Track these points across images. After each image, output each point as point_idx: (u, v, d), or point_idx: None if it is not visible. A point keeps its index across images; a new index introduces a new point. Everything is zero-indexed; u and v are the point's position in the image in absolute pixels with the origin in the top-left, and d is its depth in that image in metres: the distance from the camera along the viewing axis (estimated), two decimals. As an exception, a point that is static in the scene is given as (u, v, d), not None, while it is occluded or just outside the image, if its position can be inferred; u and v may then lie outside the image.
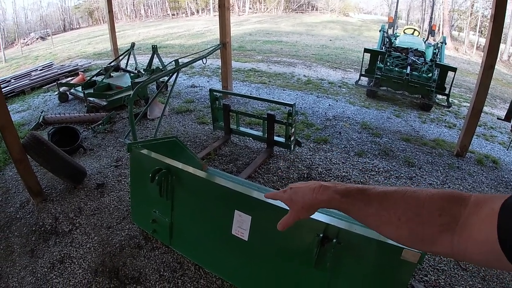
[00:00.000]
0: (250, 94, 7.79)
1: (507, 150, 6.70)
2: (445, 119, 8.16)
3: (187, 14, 38.95)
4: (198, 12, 39.28)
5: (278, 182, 4.03)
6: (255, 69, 10.78)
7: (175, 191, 2.46)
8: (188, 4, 39.20)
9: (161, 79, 6.14)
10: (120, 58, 8.17)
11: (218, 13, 6.84)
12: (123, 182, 4.02)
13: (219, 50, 6.91)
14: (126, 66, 8.09)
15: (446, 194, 0.65)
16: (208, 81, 8.54)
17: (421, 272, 3.08)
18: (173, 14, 39.16)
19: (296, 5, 42.66)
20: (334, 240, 1.79)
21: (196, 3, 39.45)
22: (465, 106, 9.62)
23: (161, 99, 6.89)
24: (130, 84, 6.04)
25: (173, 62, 4.79)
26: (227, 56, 7.07)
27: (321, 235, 1.82)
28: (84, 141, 5.18)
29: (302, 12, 41.50)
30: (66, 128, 5.16)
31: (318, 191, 0.84)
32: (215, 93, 4.87)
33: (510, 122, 5.25)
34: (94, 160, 4.62)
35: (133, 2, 39.01)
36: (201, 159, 3.78)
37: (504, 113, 5.28)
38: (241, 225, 2.02)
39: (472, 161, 5.87)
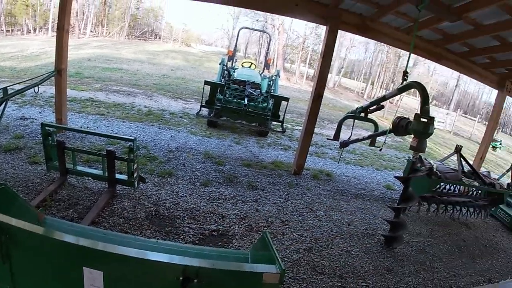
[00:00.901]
0: (87, 127, 7.32)
1: (338, 163, 7.96)
2: (281, 143, 9.18)
3: (23, 31, 34.50)
4: (35, 30, 35.15)
5: (125, 224, 3.91)
6: (93, 98, 10.16)
7: (12, 252, 2.18)
8: (25, 21, 34.82)
9: None
10: None
11: (55, 37, 6.32)
12: None
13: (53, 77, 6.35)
14: None
15: None
16: (40, 112, 7.68)
17: (283, 286, 3.37)
18: (7, 31, 34.13)
19: (140, 32, 41.99)
20: (195, 280, 1.81)
21: (35, 20, 35.32)
22: (297, 129, 10.93)
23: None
24: None
25: (1, 91, 4.29)
26: (62, 84, 6.55)
27: (181, 278, 1.82)
28: None
29: (145, 40, 40.98)
30: None
31: None
32: (47, 128, 4.43)
33: (338, 140, 6.18)
34: None
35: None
36: (36, 208, 3.42)
37: (333, 133, 6.20)
38: (93, 282, 1.92)
39: (309, 177, 6.77)
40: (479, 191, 6.31)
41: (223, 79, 9.70)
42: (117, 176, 4.51)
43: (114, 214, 4.08)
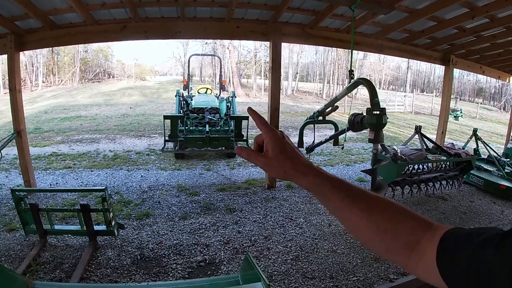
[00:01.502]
0: (57, 183, 7.31)
1: None
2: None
3: None
4: None
5: (114, 274, 3.98)
6: (57, 152, 10.12)
7: None
8: None
9: None
10: None
11: (7, 92, 6.27)
12: None
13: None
14: None
15: (420, 218, 0.72)
16: (7, 177, 7.58)
17: None
18: None
19: (92, 74, 41.54)
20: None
21: None
22: (264, 143, 11.10)
23: None
24: None
25: None
26: (24, 146, 6.48)
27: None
28: None
29: (98, 81, 40.62)
30: None
31: (311, 171, 0.80)
32: (18, 193, 4.45)
33: (303, 147, 6.39)
34: None
35: None
36: (23, 275, 3.49)
37: (297, 141, 6.34)
38: None
39: (283, 188, 7.00)
40: (448, 163, 6.68)
41: (181, 110, 9.88)
42: (96, 227, 4.56)
43: (100, 266, 4.13)
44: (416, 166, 6.39)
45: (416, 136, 6.97)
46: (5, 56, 6.25)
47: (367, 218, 0.73)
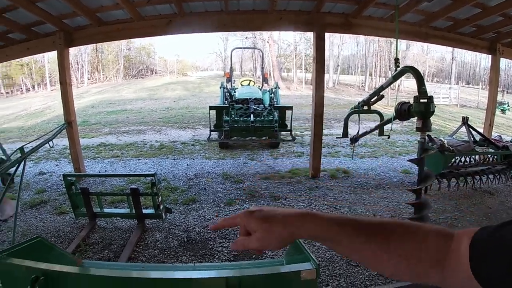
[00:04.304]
0: (105, 171, 7.50)
1: (352, 159, 7.96)
2: (294, 150, 9.23)
3: (22, 91, 35.36)
4: (34, 87, 36.02)
5: (161, 255, 3.98)
6: (105, 143, 10.45)
7: None
8: (23, 80, 35.72)
9: (6, 172, 5.50)
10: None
11: (55, 88, 6.56)
12: (-11, 303, 3.42)
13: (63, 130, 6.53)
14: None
15: (439, 231, 0.68)
16: (56, 165, 7.91)
17: (323, 284, 3.39)
18: (7, 92, 34.99)
19: (135, 70, 42.81)
20: (240, 289, 1.83)
21: (32, 78, 36.23)
22: (306, 134, 11.00)
23: (8, 195, 6.09)
24: None
25: (18, 150, 4.44)
26: (74, 135, 6.72)
27: (225, 289, 1.84)
28: None
29: (142, 77, 41.83)
30: None
31: (306, 218, 0.73)
32: (69, 178, 4.59)
33: (347, 137, 6.22)
34: None
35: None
36: (72, 254, 3.52)
37: (341, 132, 6.23)
38: None
39: (327, 178, 6.78)
40: (495, 156, 6.26)
41: (226, 101, 9.95)
42: (144, 211, 4.62)
43: (148, 247, 4.15)
44: (462, 159, 6.07)
45: (463, 128, 6.55)
46: (51, 56, 6.47)
47: (386, 250, 0.68)
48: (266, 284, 1.94)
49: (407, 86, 29.83)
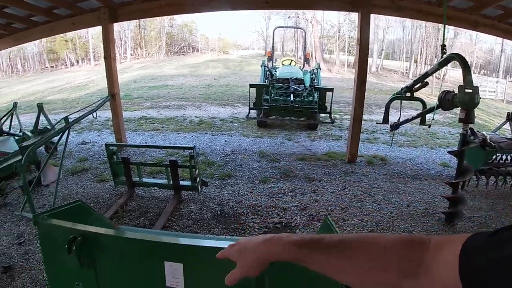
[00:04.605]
0: (146, 143, 7.72)
1: (391, 147, 7.72)
2: (331, 133, 9.08)
3: (66, 65, 36.79)
4: (78, 62, 37.37)
5: (194, 225, 4.07)
6: (146, 116, 10.69)
7: (96, 258, 2.35)
8: (67, 55, 37.14)
9: (50, 140, 5.74)
10: (1, 120, 7.05)
11: (99, 62, 6.78)
12: (31, 260, 3.56)
13: (107, 102, 6.72)
14: (10, 128, 7.20)
15: (406, 240, 0.68)
16: (99, 135, 8.22)
17: None
18: (52, 67, 36.51)
19: (177, 47, 43.29)
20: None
21: (76, 53, 37.59)
22: (346, 118, 10.75)
23: (51, 162, 6.39)
24: (16, 149, 5.50)
25: (62, 120, 4.60)
26: (117, 107, 6.97)
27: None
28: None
29: (183, 54, 42.21)
30: None
31: (271, 242, 0.79)
32: (111, 148, 4.74)
33: (387, 124, 6.03)
34: (-9, 242, 4.12)
35: (9, 56, 35.59)
36: (109, 219, 3.65)
37: (381, 117, 6.04)
38: (175, 274, 2.02)
39: (363, 164, 6.62)
40: None
41: (266, 80, 9.89)
42: (181, 182, 4.70)
43: (182, 217, 4.25)
44: (504, 156, 5.61)
45: (507, 125, 6.15)
46: (95, 31, 6.65)
47: (350, 264, 0.70)
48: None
49: (453, 76, 28.30)
